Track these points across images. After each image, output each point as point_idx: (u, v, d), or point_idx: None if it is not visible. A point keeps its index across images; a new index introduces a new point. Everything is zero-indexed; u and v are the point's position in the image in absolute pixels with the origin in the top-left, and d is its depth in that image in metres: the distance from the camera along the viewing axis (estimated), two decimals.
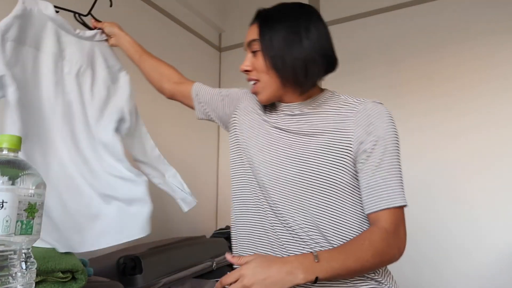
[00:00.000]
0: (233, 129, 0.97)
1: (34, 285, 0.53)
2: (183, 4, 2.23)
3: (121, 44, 1.21)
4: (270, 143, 0.87)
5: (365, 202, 0.78)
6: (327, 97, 0.88)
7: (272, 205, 0.83)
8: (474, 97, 1.93)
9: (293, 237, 0.80)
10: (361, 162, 0.78)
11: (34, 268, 0.53)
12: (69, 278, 0.89)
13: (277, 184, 0.83)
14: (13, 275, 0.49)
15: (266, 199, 0.85)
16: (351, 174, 0.80)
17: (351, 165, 0.79)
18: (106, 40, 1.21)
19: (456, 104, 1.96)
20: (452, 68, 1.99)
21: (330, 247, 0.77)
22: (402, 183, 0.78)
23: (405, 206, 0.77)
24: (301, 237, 0.79)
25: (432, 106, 2.01)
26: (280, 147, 0.85)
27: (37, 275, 0.79)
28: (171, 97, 1.19)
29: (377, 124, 0.78)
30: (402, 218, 0.77)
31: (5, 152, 0.54)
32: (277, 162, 0.84)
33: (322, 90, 0.90)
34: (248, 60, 0.86)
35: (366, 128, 0.79)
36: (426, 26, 2.07)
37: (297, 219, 0.80)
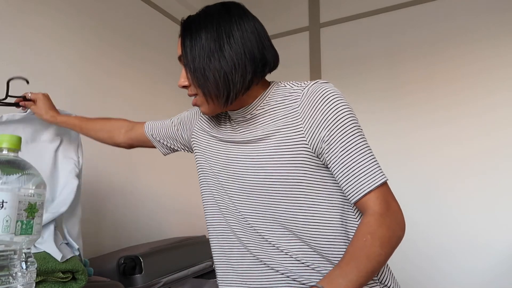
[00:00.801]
0: (195, 153, 0.94)
1: (34, 285, 0.53)
2: (183, 4, 2.23)
3: (56, 123, 1.14)
4: (228, 160, 0.83)
5: (346, 192, 0.73)
6: (273, 91, 0.82)
7: (246, 224, 0.80)
8: (475, 98, 1.93)
9: (274, 252, 0.76)
10: (325, 152, 0.73)
11: (34, 268, 0.53)
12: (69, 278, 0.90)
13: (247, 201, 0.79)
14: (14, 275, 0.49)
15: (239, 220, 0.81)
16: (315, 167, 0.75)
17: (311, 158, 0.75)
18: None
19: (457, 105, 1.96)
20: (453, 69, 1.99)
21: (316, 254, 0.75)
22: (375, 158, 0.72)
23: (387, 180, 0.72)
24: (284, 251, 0.76)
25: (433, 107, 2.01)
26: (237, 161, 0.81)
27: (37, 275, 0.80)
28: (131, 146, 1.15)
29: (323, 107, 0.73)
30: (389, 193, 0.72)
31: (5, 152, 0.54)
32: (240, 179, 0.80)
33: (269, 84, 0.84)
34: (183, 76, 0.80)
35: (313, 115, 0.74)
36: (427, 27, 2.07)
37: (274, 233, 0.76)
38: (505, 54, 1.88)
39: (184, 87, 0.81)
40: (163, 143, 1.06)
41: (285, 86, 0.82)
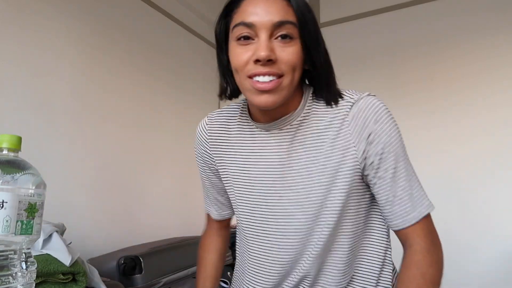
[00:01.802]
0: (226, 182, 0.82)
1: (34, 285, 0.53)
2: (182, 4, 2.23)
3: None
4: (267, 193, 0.72)
5: (390, 219, 0.68)
6: (310, 99, 0.72)
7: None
8: (476, 98, 1.93)
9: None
10: (371, 175, 0.68)
11: (34, 268, 0.53)
12: (69, 280, 0.89)
13: (290, 245, 0.70)
14: (13, 275, 0.49)
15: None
16: (362, 192, 0.70)
17: (360, 182, 0.69)
18: None
19: (458, 105, 1.96)
20: (454, 69, 1.99)
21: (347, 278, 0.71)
22: (421, 185, 0.69)
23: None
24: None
25: (433, 107, 2.01)
26: (279, 195, 0.70)
27: (38, 277, 0.80)
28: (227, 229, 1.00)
29: (377, 128, 0.66)
30: (431, 222, 0.69)
31: (5, 152, 0.53)
32: (283, 216, 0.70)
33: (302, 88, 0.74)
34: (272, 47, 0.63)
35: (366, 137, 0.66)
36: (426, 26, 2.07)
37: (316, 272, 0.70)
38: (506, 53, 1.88)
39: (268, 61, 0.63)
40: (228, 203, 0.91)
41: None
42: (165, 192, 2.00)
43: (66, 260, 0.88)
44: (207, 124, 0.84)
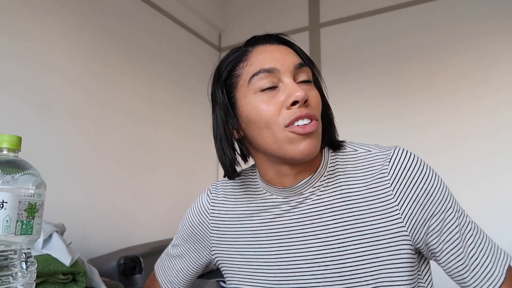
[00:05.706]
0: (224, 263, 0.74)
1: (34, 285, 0.53)
2: (183, 4, 2.23)
3: None
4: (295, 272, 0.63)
5: (470, 284, 0.58)
6: (334, 158, 0.64)
7: None
8: (477, 97, 1.93)
9: None
10: (432, 245, 0.59)
11: (34, 268, 0.53)
12: (69, 280, 0.90)
13: None
14: (14, 275, 0.49)
15: None
16: (415, 265, 0.60)
17: (412, 255, 0.59)
18: None
19: (458, 104, 1.96)
20: (454, 68, 1.99)
21: None
22: (490, 238, 0.60)
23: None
24: None
25: (434, 106, 2.01)
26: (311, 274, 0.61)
27: (38, 277, 0.80)
28: None
29: (427, 188, 0.59)
30: None
31: (5, 152, 0.53)
32: None
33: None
34: (305, 89, 0.59)
35: (416, 199, 0.58)
36: (426, 26, 2.07)
37: None
38: (506, 52, 1.88)
39: (305, 102, 0.58)
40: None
41: (356, 151, 0.64)
42: (165, 192, 2.00)
43: (66, 260, 0.88)
44: (211, 193, 0.77)
